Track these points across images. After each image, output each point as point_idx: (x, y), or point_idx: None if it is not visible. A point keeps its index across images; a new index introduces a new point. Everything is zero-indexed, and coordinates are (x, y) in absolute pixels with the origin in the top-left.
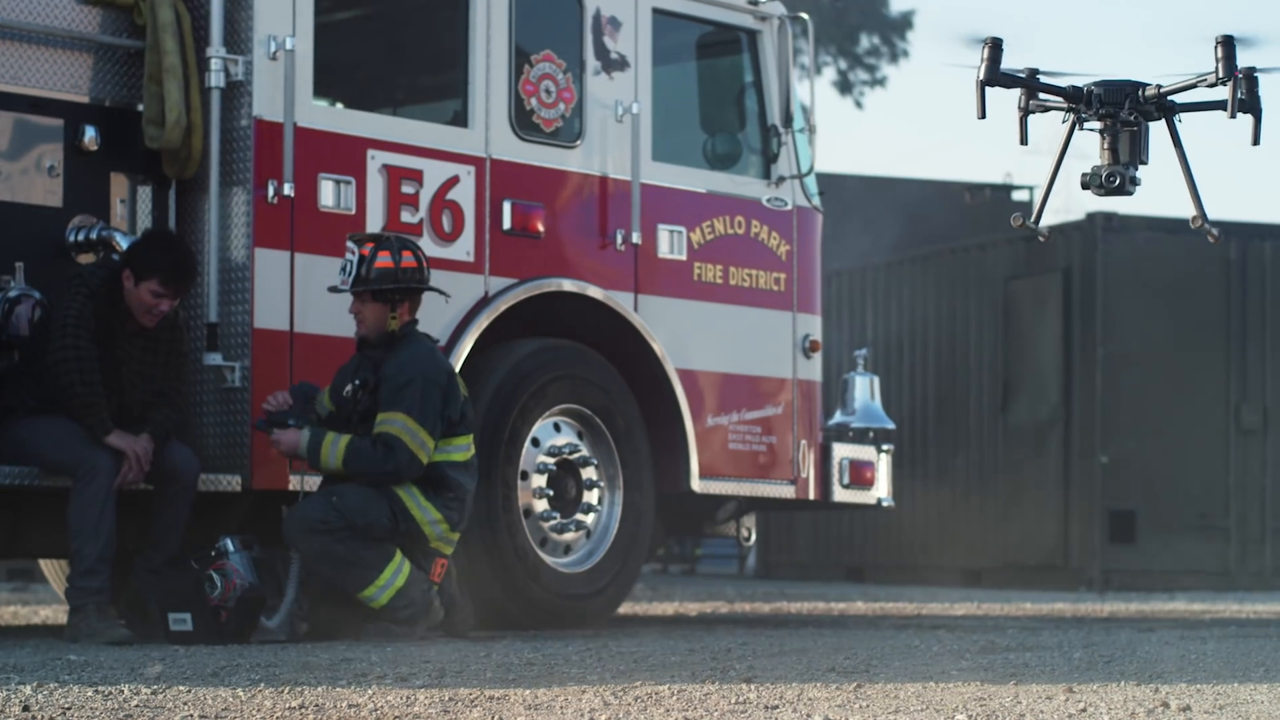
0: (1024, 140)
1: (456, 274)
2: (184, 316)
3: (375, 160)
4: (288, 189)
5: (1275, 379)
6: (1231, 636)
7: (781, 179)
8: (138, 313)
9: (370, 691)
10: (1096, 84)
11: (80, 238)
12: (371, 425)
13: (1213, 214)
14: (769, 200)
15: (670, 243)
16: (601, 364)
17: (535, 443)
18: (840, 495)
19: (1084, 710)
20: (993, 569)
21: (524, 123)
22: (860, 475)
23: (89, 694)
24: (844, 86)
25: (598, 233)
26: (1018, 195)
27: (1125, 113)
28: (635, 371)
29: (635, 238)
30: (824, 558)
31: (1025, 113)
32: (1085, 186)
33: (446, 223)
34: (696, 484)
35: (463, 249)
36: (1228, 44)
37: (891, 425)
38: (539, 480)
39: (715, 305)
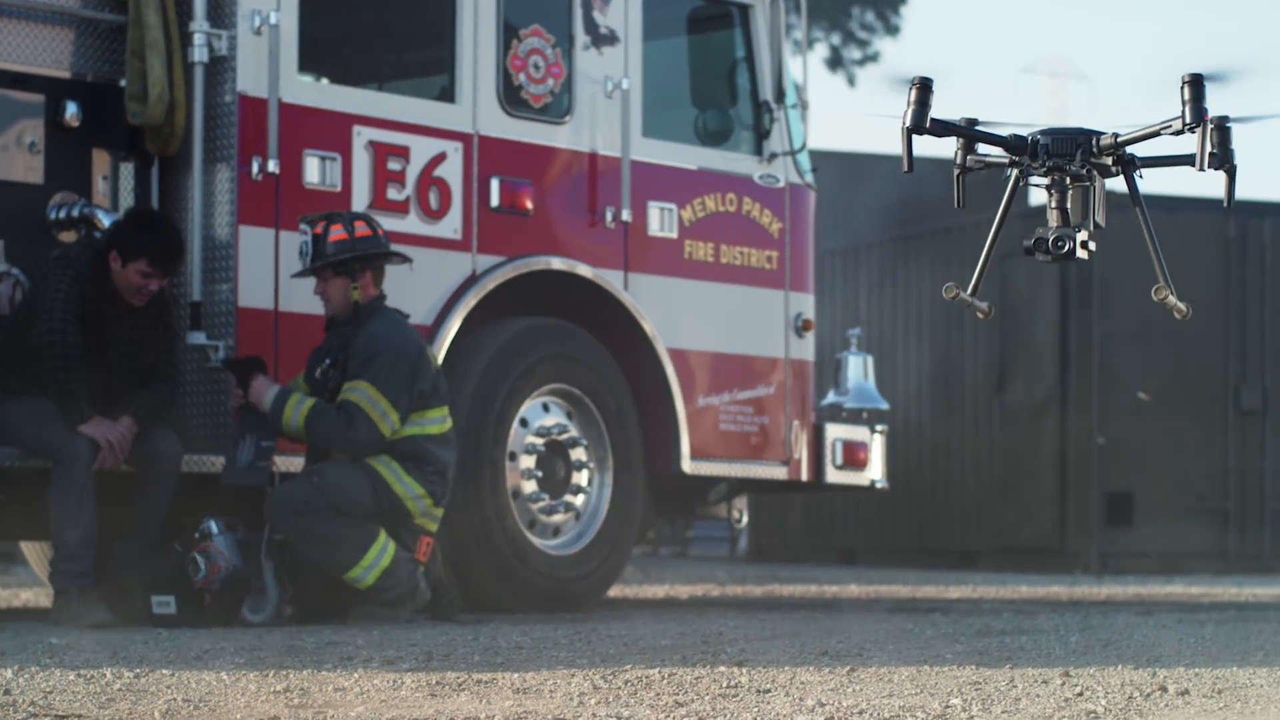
0: (960, 203)
1: (443, 252)
2: (171, 291)
3: (361, 136)
4: (272, 166)
5: (1275, 359)
6: (1230, 620)
7: (774, 155)
8: (126, 293)
9: (356, 675)
10: (1043, 133)
11: (61, 215)
12: None
13: (1211, 191)
14: (761, 177)
15: (661, 220)
16: (591, 343)
17: (523, 423)
18: (833, 477)
19: (1080, 694)
20: (988, 552)
21: (512, 98)
22: (853, 456)
23: (71, 678)
24: (836, 62)
25: (587, 210)
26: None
27: (1076, 166)
28: (625, 351)
29: (625, 215)
30: (817, 540)
31: (962, 169)
32: (1029, 252)
33: (433, 200)
34: (687, 465)
35: (450, 227)
36: (1195, 85)
37: (885, 406)
38: (527, 461)
39: (706, 284)
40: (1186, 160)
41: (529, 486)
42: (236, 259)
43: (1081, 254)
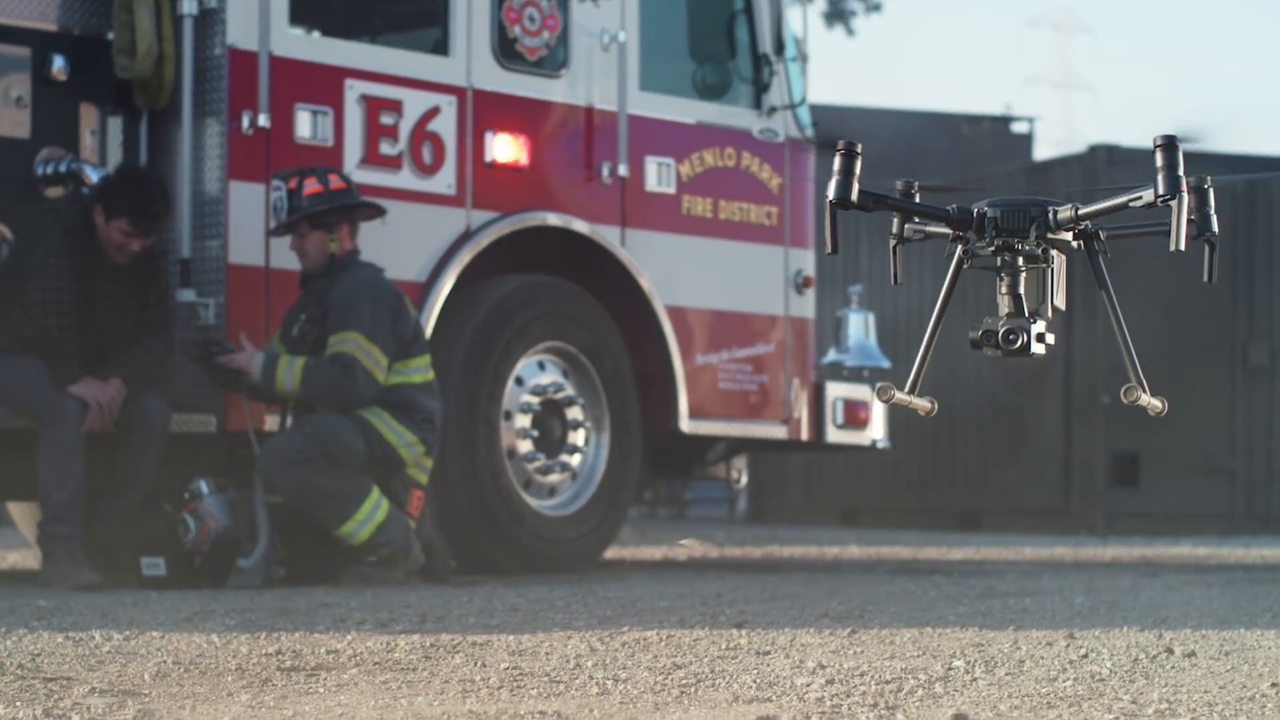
0: (897, 279)
1: (437, 207)
2: (162, 246)
3: (353, 90)
4: (263, 120)
5: None
6: (1237, 581)
7: (773, 109)
8: (109, 250)
9: (349, 637)
10: (993, 204)
11: (48, 170)
12: None
13: (1219, 144)
14: (760, 131)
15: (658, 175)
16: (587, 301)
17: (519, 382)
18: (834, 436)
19: (1086, 656)
20: (991, 512)
21: (507, 51)
22: (855, 415)
23: (59, 640)
24: (835, 15)
25: (583, 165)
26: (1017, 127)
27: (1030, 244)
28: (622, 308)
29: (622, 170)
30: (817, 501)
31: (899, 239)
32: (976, 346)
33: (427, 155)
34: (685, 424)
35: (444, 182)
36: (1169, 150)
37: (887, 364)
38: (523, 420)
39: (705, 240)
40: (1161, 229)
41: (524, 446)
42: (226, 215)
43: (1038, 348)
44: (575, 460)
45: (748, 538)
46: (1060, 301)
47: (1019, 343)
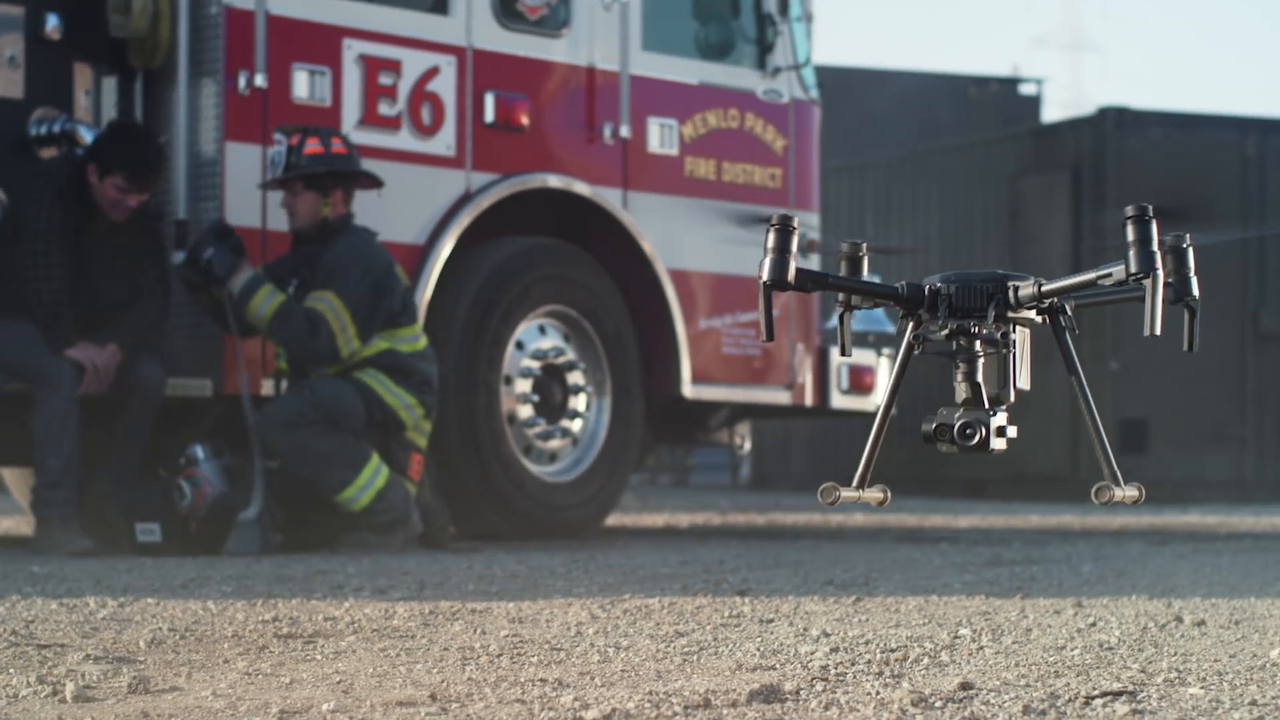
0: (845, 351)
1: (437, 169)
2: (158, 209)
3: (351, 50)
4: (260, 80)
5: None
6: (1248, 550)
7: (777, 70)
8: (105, 208)
9: (347, 604)
10: (947, 280)
11: (42, 131)
12: None
13: (1230, 107)
14: (764, 92)
15: (661, 136)
16: (588, 264)
17: (519, 346)
18: (838, 402)
19: (1094, 624)
20: (998, 480)
21: (507, 10)
22: (859, 381)
23: (53, 606)
24: None
25: (585, 126)
26: (1025, 89)
27: (989, 326)
28: (624, 272)
29: (624, 131)
30: (821, 468)
31: (846, 308)
32: (929, 441)
33: (426, 115)
34: (688, 389)
35: (443, 143)
36: (1142, 224)
37: (892, 329)
38: (523, 385)
39: (708, 202)
40: (1137, 298)
41: (525, 411)
42: (222, 176)
43: (997, 444)
44: (576, 426)
45: (751, 505)
46: (1024, 382)
47: (976, 438)
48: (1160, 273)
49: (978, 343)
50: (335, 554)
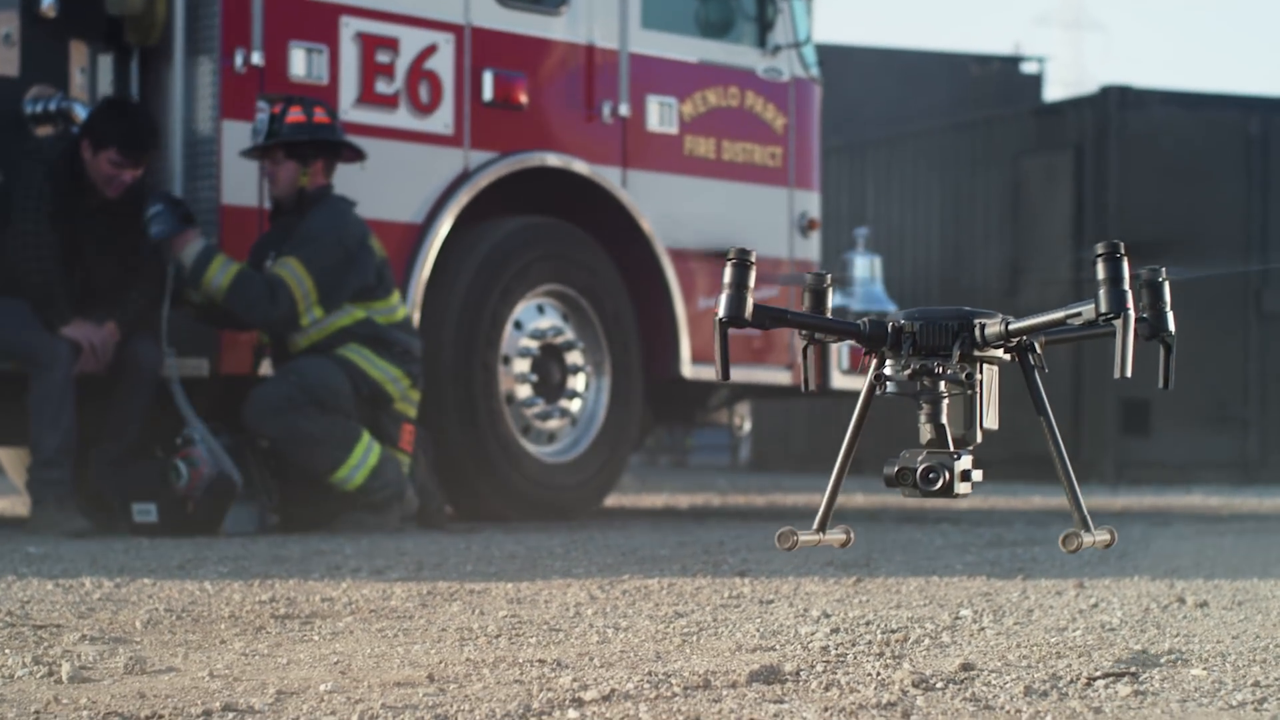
0: (807, 389)
1: (434, 148)
2: (152, 188)
3: (349, 27)
4: (256, 58)
5: None
6: (1251, 531)
7: (778, 48)
8: (99, 184)
9: (344, 584)
10: (911, 316)
11: (38, 109)
12: None
13: (1234, 85)
14: (765, 70)
15: (660, 115)
16: (587, 243)
17: (518, 326)
18: (839, 382)
19: (1095, 605)
20: (999, 460)
21: None
22: (860, 361)
23: (49, 587)
24: None
25: (584, 104)
26: (1026, 68)
27: (953, 366)
28: (623, 251)
29: (623, 110)
30: (821, 449)
31: (810, 341)
32: (891, 484)
33: (424, 94)
34: (688, 370)
35: (441, 121)
36: (1111, 260)
37: (893, 308)
38: (521, 365)
39: (707, 181)
40: (1108, 334)
41: (523, 391)
42: (219, 154)
43: (962, 488)
44: (575, 406)
45: (751, 485)
46: (992, 422)
47: (939, 483)
48: (1131, 313)
49: (942, 383)
50: (332, 534)
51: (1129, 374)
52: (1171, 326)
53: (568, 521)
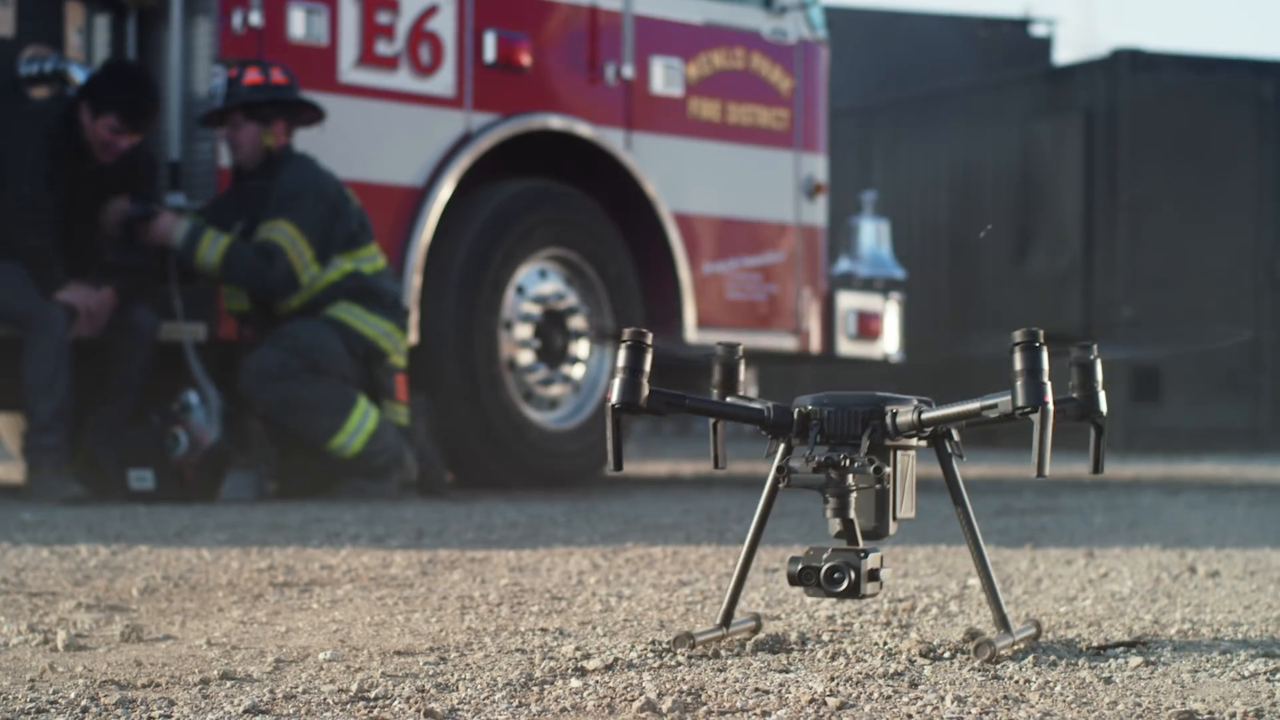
0: (718, 463)
1: (436, 110)
2: (149, 154)
3: None
4: (255, 18)
5: None
6: (1263, 500)
7: (784, 9)
8: (95, 149)
9: (344, 552)
10: (820, 401)
11: (33, 70)
12: None
13: (1248, 48)
14: (771, 32)
15: (665, 77)
16: (591, 207)
17: (519, 290)
18: (845, 348)
19: (1105, 575)
20: (1008, 429)
21: None
22: (867, 327)
23: (44, 554)
24: None
25: (587, 66)
26: (1036, 30)
27: (861, 459)
28: (627, 215)
29: (627, 71)
30: None
31: (716, 420)
32: (794, 582)
33: (425, 55)
34: (692, 335)
35: (442, 83)
36: (1030, 350)
37: (901, 274)
38: (524, 330)
39: (712, 144)
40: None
41: (525, 357)
42: None
43: (870, 589)
44: (578, 372)
45: (755, 453)
46: (907, 511)
47: (845, 584)
48: (1050, 406)
49: (850, 476)
50: (332, 501)
51: (1047, 473)
52: (1103, 407)
53: (570, 489)
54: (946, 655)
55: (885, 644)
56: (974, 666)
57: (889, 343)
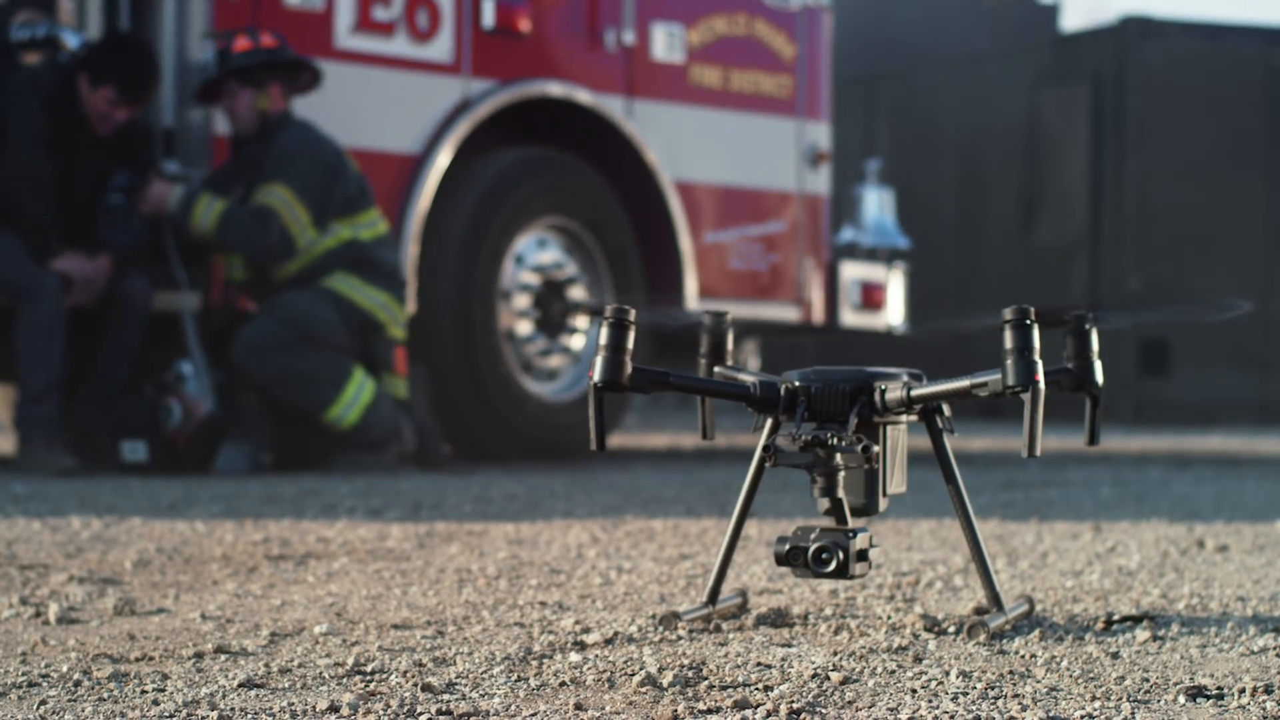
0: (705, 435)
1: (433, 76)
2: (145, 124)
3: None
4: None
5: None
6: (1272, 474)
7: None
8: (92, 119)
9: (339, 525)
10: (807, 377)
11: (25, 36)
12: None
13: (1257, 16)
14: None
15: (666, 43)
16: (590, 176)
17: (518, 260)
18: (849, 319)
19: (1112, 549)
20: (1013, 401)
21: None
22: (871, 298)
23: (36, 527)
24: None
25: (586, 32)
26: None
27: (848, 437)
28: (627, 184)
29: (628, 37)
30: None
31: (710, 373)
32: (781, 562)
33: (422, 20)
34: (693, 305)
35: (440, 49)
36: (1020, 328)
37: (905, 243)
38: (522, 300)
39: (714, 112)
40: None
41: (524, 327)
42: None
43: (858, 569)
44: (577, 343)
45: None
46: (897, 487)
47: (833, 564)
48: (1041, 385)
49: (837, 456)
50: (327, 473)
51: (1038, 453)
52: (1099, 378)
53: (569, 461)
54: (951, 630)
55: (889, 618)
56: (979, 641)
57: (893, 313)
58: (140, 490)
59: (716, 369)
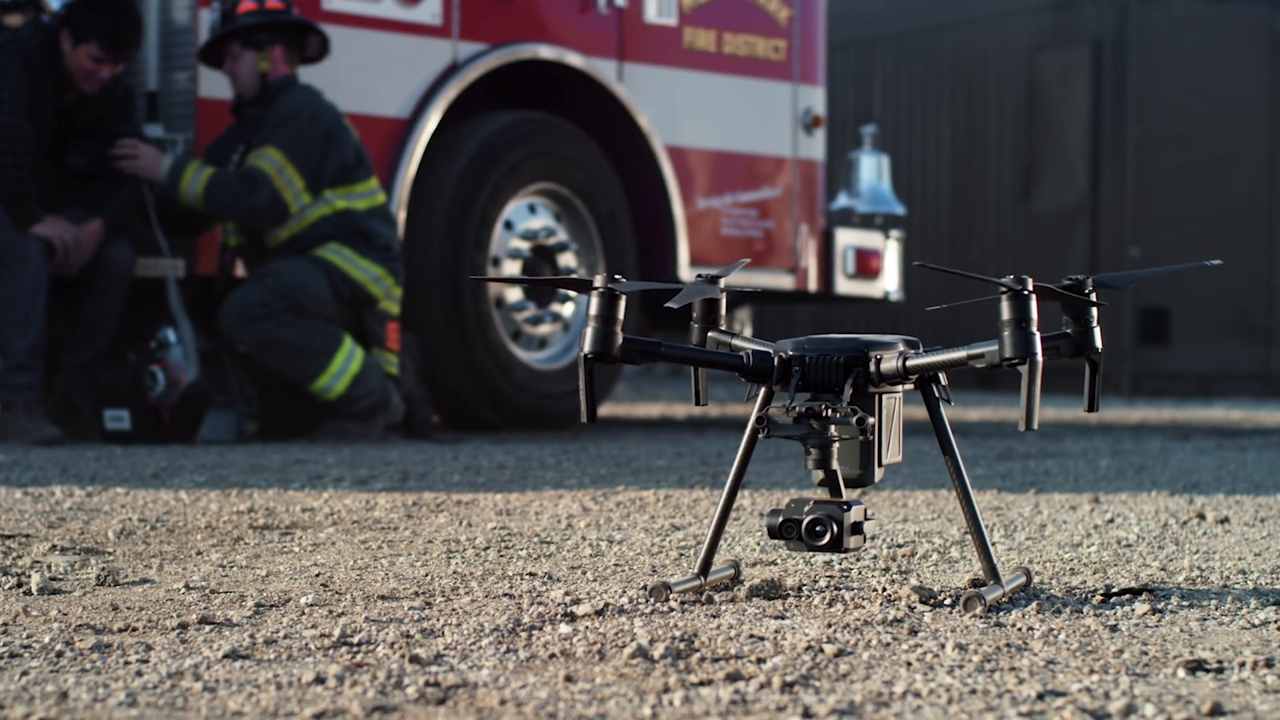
0: (699, 400)
1: (421, 39)
2: (128, 86)
3: None
4: None
5: None
6: (1274, 445)
7: None
8: (76, 77)
9: (326, 495)
10: (800, 346)
11: None
12: None
13: None
14: None
15: (658, 5)
16: (582, 140)
17: (508, 226)
18: (844, 287)
19: (1111, 521)
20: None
21: None
22: (866, 265)
23: (18, 496)
24: None
25: None
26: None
27: (841, 410)
28: (619, 149)
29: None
30: None
31: (704, 337)
32: (774, 535)
33: None
34: (685, 273)
35: (428, 11)
36: (1018, 298)
37: (901, 210)
38: (512, 267)
39: (707, 75)
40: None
41: (513, 294)
42: (196, 45)
43: (853, 542)
44: (567, 310)
45: (751, 395)
46: (893, 457)
47: (827, 537)
48: (1039, 358)
49: (831, 428)
50: (314, 443)
51: (1035, 427)
52: (1098, 343)
53: (559, 431)
54: (947, 602)
55: (884, 590)
56: (975, 614)
57: (889, 281)
58: (124, 459)
59: (710, 334)
